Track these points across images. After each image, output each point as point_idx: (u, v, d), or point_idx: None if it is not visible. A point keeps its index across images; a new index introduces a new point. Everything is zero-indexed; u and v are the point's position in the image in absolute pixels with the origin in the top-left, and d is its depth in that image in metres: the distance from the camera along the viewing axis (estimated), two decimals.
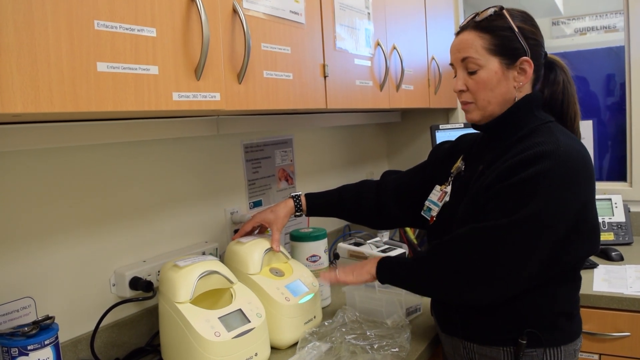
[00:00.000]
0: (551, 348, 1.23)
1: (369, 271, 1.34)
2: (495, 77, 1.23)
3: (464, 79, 1.27)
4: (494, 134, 1.31)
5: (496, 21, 1.24)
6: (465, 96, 1.29)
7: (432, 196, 1.42)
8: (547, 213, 1.11)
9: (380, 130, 2.87)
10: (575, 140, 1.22)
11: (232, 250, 1.50)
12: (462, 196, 1.31)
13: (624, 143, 2.50)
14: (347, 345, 1.35)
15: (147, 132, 1.42)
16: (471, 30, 1.26)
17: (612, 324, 1.74)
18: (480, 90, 1.25)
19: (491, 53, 1.23)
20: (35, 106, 0.77)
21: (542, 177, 1.11)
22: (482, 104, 1.27)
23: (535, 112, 1.26)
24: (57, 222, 1.28)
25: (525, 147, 1.17)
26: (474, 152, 1.38)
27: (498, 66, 1.23)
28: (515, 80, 1.25)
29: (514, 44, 1.23)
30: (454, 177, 1.38)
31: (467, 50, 1.25)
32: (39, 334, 1.08)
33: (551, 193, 1.11)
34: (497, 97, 1.25)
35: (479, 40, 1.24)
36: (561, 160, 1.12)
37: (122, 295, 1.41)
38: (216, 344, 1.19)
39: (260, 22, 1.25)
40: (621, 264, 2.02)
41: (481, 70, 1.24)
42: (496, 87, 1.24)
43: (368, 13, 1.74)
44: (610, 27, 2.72)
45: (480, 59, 1.23)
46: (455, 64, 1.30)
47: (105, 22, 0.87)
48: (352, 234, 2.26)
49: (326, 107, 1.50)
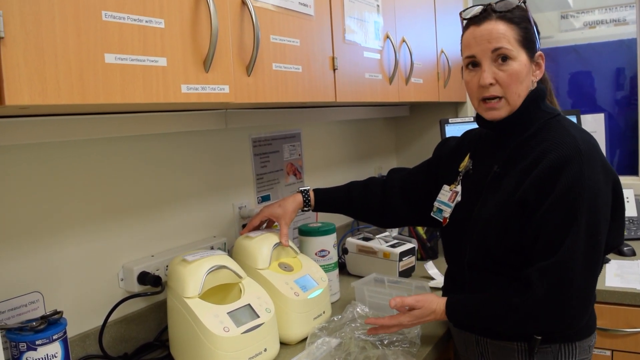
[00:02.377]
0: (566, 344, 1.21)
1: (436, 318, 1.29)
2: (525, 70, 1.21)
3: (493, 71, 1.21)
4: (504, 131, 1.28)
5: (522, 13, 1.22)
6: (494, 90, 1.22)
7: (441, 197, 1.40)
8: (597, 216, 1.13)
9: (388, 124, 2.85)
10: (584, 131, 1.22)
11: (241, 244, 1.49)
12: (475, 196, 1.29)
13: (635, 137, 2.47)
14: (357, 341, 1.34)
15: (155, 126, 1.41)
16: (498, 21, 1.21)
17: (625, 319, 1.72)
18: (513, 83, 1.21)
19: (521, 45, 1.21)
20: (42, 98, 0.76)
21: (576, 183, 1.11)
22: (512, 98, 1.22)
23: (542, 107, 1.25)
24: (65, 217, 1.27)
25: (544, 149, 1.16)
26: (481, 150, 1.36)
27: (526, 59, 1.22)
28: (534, 75, 1.25)
29: (534, 37, 1.23)
30: (463, 176, 1.36)
31: (499, 41, 1.19)
32: (47, 328, 1.07)
33: (590, 197, 1.12)
34: (524, 90, 1.23)
35: (510, 31, 1.20)
36: (585, 159, 1.13)
37: (130, 290, 1.40)
38: (225, 339, 1.18)
39: (269, 14, 1.23)
40: (633, 259, 2.00)
41: (514, 62, 1.20)
42: (525, 80, 1.22)
43: (377, 5, 1.72)
44: (620, 20, 2.68)
45: (513, 50, 1.20)
46: (480, 55, 1.22)
47: (113, 13, 0.86)
48: (360, 228, 2.24)
49: (335, 101, 1.49)
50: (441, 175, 1.45)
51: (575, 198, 1.11)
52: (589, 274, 1.14)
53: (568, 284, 1.11)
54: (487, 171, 1.28)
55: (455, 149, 1.46)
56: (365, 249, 1.96)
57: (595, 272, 1.16)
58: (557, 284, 1.11)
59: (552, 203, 1.13)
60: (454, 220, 1.34)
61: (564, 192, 1.12)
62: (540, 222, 1.14)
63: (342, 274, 1.93)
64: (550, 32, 2.84)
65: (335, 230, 1.74)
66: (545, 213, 1.13)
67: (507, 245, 1.19)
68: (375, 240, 2.00)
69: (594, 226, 1.12)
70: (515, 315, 1.16)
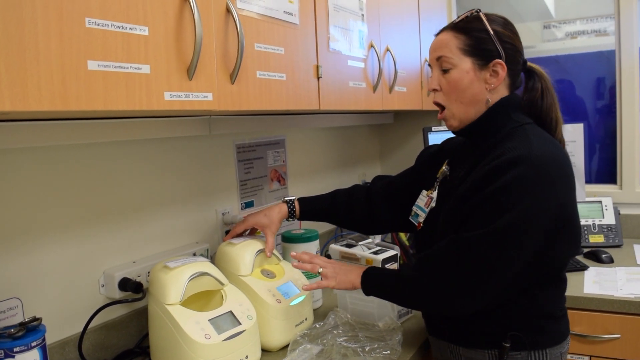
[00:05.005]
0: (536, 351, 1.23)
1: (352, 282, 1.35)
2: (467, 77, 1.25)
3: (438, 78, 1.30)
4: (472, 138, 1.32)
5: (472, 23, 1.27)
6: (437, 96, 1.31)
7: (419, 201, 1.42)
8: (523, 220, 1.11)
9: (372, 131, 2.86)
10: (551, 142, 1.22)
11: (223, 251, 1.49)
12: (445, 201, 1.31)
13: (613, 146, 2.52)
14: (338, 348, 1.34)
15: (138, 132, 1.41)
16: (449, 31, 1.29)
17: (603, 326, 1.75)
18: (452, 90, 1.27)
19: (465, 53, 1.25)
20: (23, 104, 0.76)
21: (515, 184, 1.12)
22: (454, 105, 1.29)
23: (512, 115, 1.27)
24: (45, 222, 1.26)
25: (498, 154, 1.18)
26: (458, 156, 1.39)
27: (470, 66, 1.25)
28: (487, 82, 1.26)
29: (488, 46, 1.25)
30: (440, 182, 1.38)
31: (441, 50, 1.28)
32: (25, 335, 1.06)
33: (525, 199, 1.11)
34: (467, 98, 1.27)
35: (454, 40, 1.27)
36: (533, 165, 1.12)
37: (111, 296, 1.39)
38: (206, 346, 1.17)
39: (253, 22, 1.24)
40: (611, 266, 2.03)
41: (454, 70, 1.26)
42: (468, 87, 1.26)
43: (362, 14, 1.73)
44: (601, 31, 2.74)
45: (453, 58, 1.26)
46: (431, 63, 1.33)
47: (96, 20, 0.86)
48: (343, 235, 2.25)
49: (319, 108, 1.50)
50: (422, 181, 1.48)
51: (508, 197, 1.12)
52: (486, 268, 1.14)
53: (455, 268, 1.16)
54: (457, 177, 1.31)
55: (435, 156, 1.49)
56: (348, 255, 1.96)
57: (500, 272, 1.14)
58: (436, 267, 1.20)
59: (484, 195, 1.14)
60: (426, 225, 1.37)
61: (499, 188, 1.13)
62: (467, 211, 1.17)
63: None
64: (533, 42, 2.88)
65: (318, 237, 1.75)
66: (474, 203, 1.16)
67: None
68: (358, 246, 2.00)
69: (514, 229, 1.12)
70: (407, 292, 1.26)
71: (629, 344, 1.72)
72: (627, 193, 2.45)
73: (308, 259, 1.41)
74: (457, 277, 1.16)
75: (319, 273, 1.38)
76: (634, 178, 2.44)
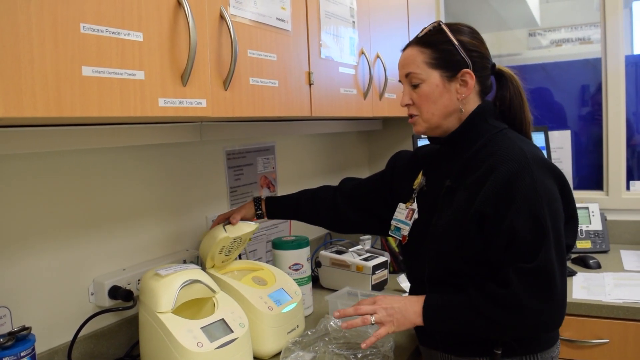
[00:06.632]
0: (527, 356, 1.23)
1: (413, 322, 1.25)
2: (436, 90, 1.28)
3: (409, 93, 1.32)
4: (452, 147, 1.33)
5: (436, 36, 1.29)
6: (411, 109, 1.33)
7: (398, 215, 1.41)
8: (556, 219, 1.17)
9: (361, 138, 2.87)
10: (530, 143, 1.28)
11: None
12: (430, 212, 1.32)
13: (600, 152, 2.55)
14: (330, 355, 1.34)
15: (129, 138, 1.39)
16: (414, 46, 1.31)
17: (591, 331, 1.77)
18: (423, 103, 1.29)
19: (432, 67, 1.27)
20: (18, 110, 0.75)
21: (532, 193, 1.15)
22: (426, 117, 1.31)
23: (489, 121, 1.30)
24: (34, 229, 1.24)
25: (494, 163, 1.19)
26: (434, 166, 1.40)
27: (439, 79, 1.27)
28: (458, 92, 1.28)
29: (454, 57, 1.27)
30: (418, 193, 1.39)
31: (409, 66, 1.30)
32: (15, 345, 1.04)
33: (549, 203, 1.16)
34: (440, 109, 1.29)
35: (420, 55, 1.29)
36: (534, 168, 1.17)
37: (101, 304, 1.38)
38: (199, 354, 1.16)
39: (246, 28, 1.24)
40: (599, 271, 2.05)
41: (423, 84, 1.28)
42: (438, 99, 1.28)
43: (353, 21, 1.74)
44: (585, 39, 2.78)
45: (421, 74, 1.28)
46: (401, 79, 1.34)
47: (91, 26, 0.85)
48: (333, 241, 2.25)
49: (311, 115, 1.50)
50: (395, 189, 1.49)
51: (535, 205, 1.15)
52: (563, 277, 1.17)
53: (552, 288, 1.14)
54: (440, 186, 1.32)
55: (409, 166, 1.49)
56: (339, 262, 1.97)
57: (565, 274, 1.19)
58: (540, 289, 1.14)
59: (515, 212, 1.15)
60: (412, 237, 1.36)
61: (523, 200, 1.15)
62: (508, 231, 1.16)
63: (315, 287, 1.94)
64: (519, 50, 2.92)
65: (308, 244, 1.74)
66: (511, 222, 1.15)
67: (465, 259, 1.21)
68: (349, 253, 2.00)
69: (557, 230, 1.17)
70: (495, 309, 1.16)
71: (618, 349, 1.74)
72: (614, 199, 2.48)
73: (353, 311, 1.29)
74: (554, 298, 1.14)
75: (373, 323, 1.25)
76: (620, 184, 2.48)
